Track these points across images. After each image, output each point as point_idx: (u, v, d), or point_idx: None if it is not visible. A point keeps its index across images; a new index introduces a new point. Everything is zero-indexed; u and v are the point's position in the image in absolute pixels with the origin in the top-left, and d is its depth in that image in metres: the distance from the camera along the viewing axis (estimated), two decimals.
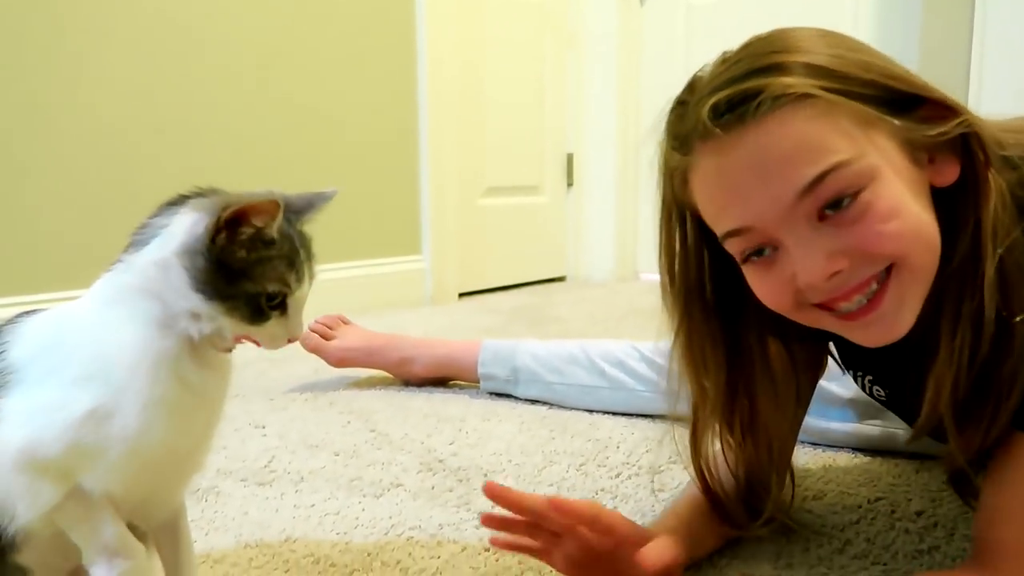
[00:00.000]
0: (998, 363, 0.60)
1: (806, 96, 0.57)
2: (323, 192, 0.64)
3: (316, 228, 1.99)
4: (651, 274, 2.97)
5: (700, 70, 0.64)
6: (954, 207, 0.61)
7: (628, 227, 2.84)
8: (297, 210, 0.62)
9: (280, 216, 0.57)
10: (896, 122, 0.59)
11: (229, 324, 0.57)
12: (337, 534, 0.85)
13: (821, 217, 0.58)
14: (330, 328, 1.46)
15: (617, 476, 1.00)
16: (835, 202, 0.57)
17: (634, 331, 1.78)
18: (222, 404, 0.62)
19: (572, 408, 1.28)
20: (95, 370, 0.54)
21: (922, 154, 0.61)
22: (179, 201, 0.59)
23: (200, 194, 0.59)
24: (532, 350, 1.33)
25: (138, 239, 0.58)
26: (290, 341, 0.60)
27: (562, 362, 1.29)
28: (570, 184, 2.86)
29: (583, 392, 1.26)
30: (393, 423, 1.23)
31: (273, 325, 0.58)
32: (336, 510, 0.91)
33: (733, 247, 0.63)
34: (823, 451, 1.06)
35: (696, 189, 0.63)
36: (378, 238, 2.25)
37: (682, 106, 0.64)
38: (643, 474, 1.01)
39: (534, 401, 1.33)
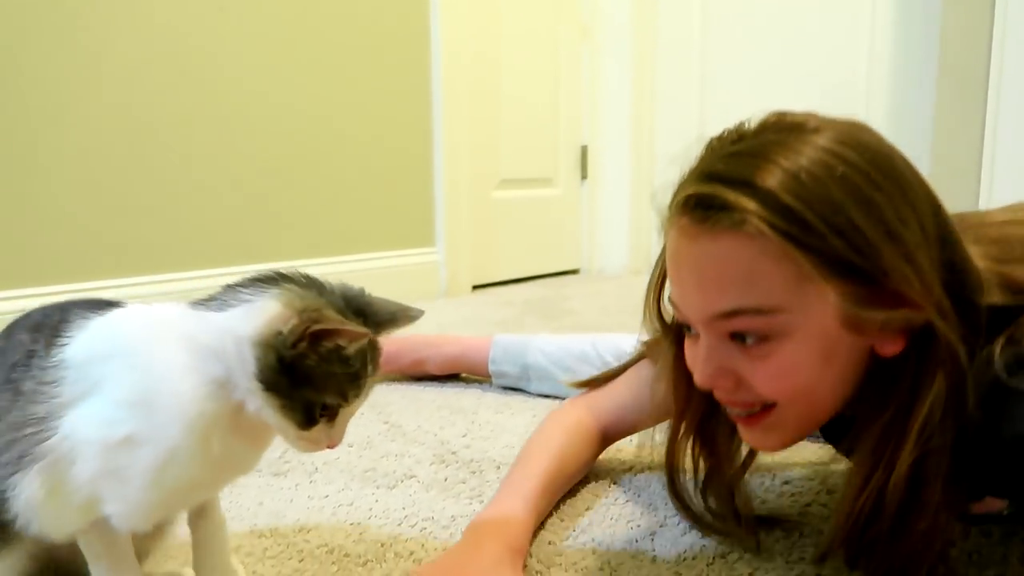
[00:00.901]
0: (910, 512, 0.60)
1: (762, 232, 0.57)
2: (410, 309, 0.63)
3: (331, 219, 2.02)
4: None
5: (709, 142, 0.65)
6: (899, 373, 0.61)
7: (642, 219, 2.84)
8: (379, 323, 0.60)
9: (365, 345, 0.57)
10: (843, 288, 0.58)
11: (277, 419, 0.56)
12: (351, 524, 0.86)
13: (732, 335, 0.61)
14: None
15: (629, 470, 1.00)
16: (742, 336, 0.60)
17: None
18: (257, 460, 0.63)
19: None
20: (142, 401, 0.54)
21: (869, 322, 0.60)
22: (272, 281, 0.58)
23: (294, 281, 0.58)
24: (543, 347, 1.33)
25: (223, 300, 0.58)
26: (331, 447, 0.60)
27: (573, 359, 1.29)
28: (584, 176, 2.86)
29: None
30: (406, 415, 1.24)
31: (317, 431, 0.57)
32: (350, 501, 0.92)
33: (675, 312, 0.67)
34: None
35: (666, 246, 0.66)
36: (392, 230, 2.26)
37: (685, 175, 0.65)
38: (655, 468, 1.01)
39: (546, 395, 1.33)
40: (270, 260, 1.97)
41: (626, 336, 1.26)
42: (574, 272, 2.87)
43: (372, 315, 0.60)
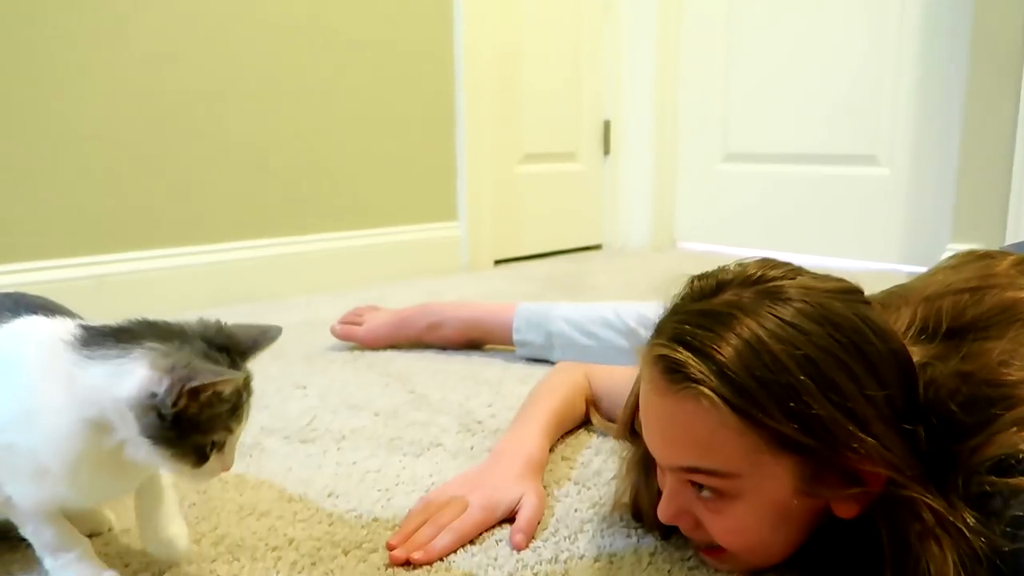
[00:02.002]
0: None
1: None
2: (268, 329, 0.66)
3: (353, 192, 2.02)
4: (689, 243, 2.94)
5: (690, 282, 0.67)
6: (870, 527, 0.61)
7: (665, 195, 2.81)
8: (243, 351, 0.63)
9: (239, 386, 0.60)
10: (796, 465, 0.59)
11: (169, 466, 0.59)
12: (379, 490, 0.87)
13: (692, 483, 0.64)
14: (359, 316, 1.48)
15: None
16: (700, 487, 0.63)
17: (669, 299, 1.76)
18: (133, 485, 0.66)
19: None
20: (22, 423, 0.59)
21: (823, 488, 0.60)
22: (135, 336, 0.60)
23: (156, 334, 0.60)
24: (565, 315, 1.33)
25: (94, 350, 0.59)
26: (225, 471, 0.63)
27: (596, 326, 1.29)
28: (607, 151, 2.83)
29: (619, 355, 1.25)
30: (432, 385, 1.24)
31: (212, 464, 0.61)
32: (377, 468, 0.93)
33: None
34: None
35: (641, 386, 0.67)
36: (414, 204, 2.26)
37: (663, 320, 0.66)
38: None
39: None
40: (293, 233, 1.98)
41: (649, 304, 1.26)
42: (596, 248, 2.86)
43: (235, 346, 0.63)
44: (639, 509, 0.78)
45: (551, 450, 0.94)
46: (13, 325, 0.63)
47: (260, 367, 1.35)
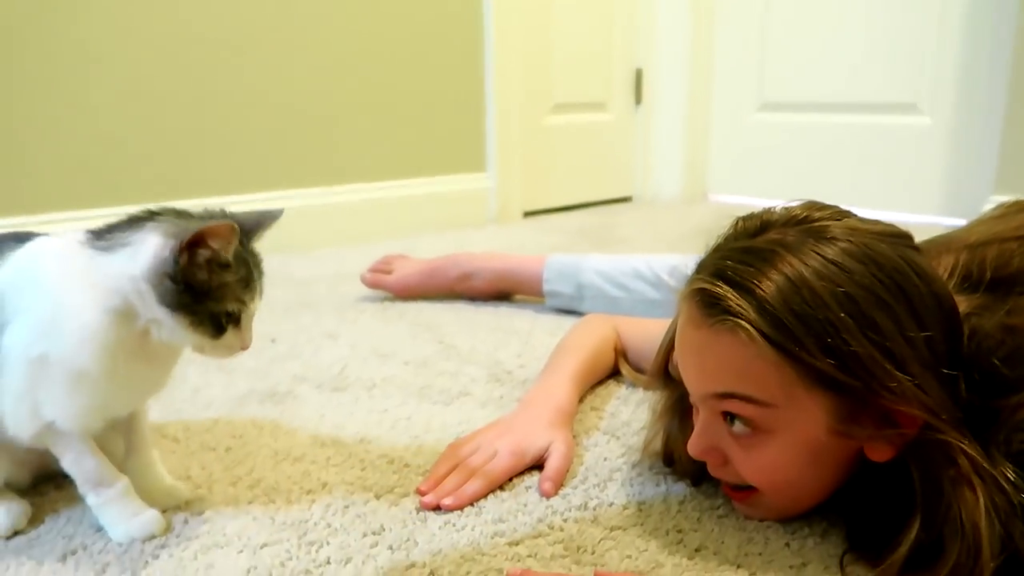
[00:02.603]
0: None
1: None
2: (270, 211, 0.68)
3: (381, 143, 2.01)
4: (721, 195, 2.89)
5: (735, 222, 0.66)
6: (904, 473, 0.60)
7: (698, 146, 2.76)
8: (247, 231, 0.66)
9: (235, 240, 0.61)
10: (832, 402, 0.59)
11: (190, 336, 0.62)
12: (410, 437, 0.88)
13: (725, 415, 0.63)
14: (388, 264, 1.48)
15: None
16: (732, 417, 0.63)
17: (701, 252, 1.75)
18: (165, 379, 0.70)
19: None
20: (51, 329, 0.61)
21: (858, 429, 0.59)
22: (145, 218, 0.64)
23: (162, 214, 0.64)
24: (596, 266, 1.32)
25: (109, 241, 0.63)
26: (244, 349, 0.66)
27: (627, 277, 1.28)
28: (638, 101, 2.78)
29: (650, 307, 1.25)
30: (461, 335, 1.25)
31: (229, 337, 0.64)
32: (408, 415, 0.94)
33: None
34: None
35: (678, 321, 0.67)
36: (443, 155, 2.24)
37: (705, 256, 0.66)
38: None
39: None
40: (322, 184, 1.98)
41: (681, 256, 1.25)
42: (626, 200, 2.82)
43: (240, 225, 0.64)
44: (671, 455, 0.78)
45: (581, 400, 0.95)
46: (26, 247, 0.65)
47: (292, 316, 1.37)
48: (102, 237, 0.63)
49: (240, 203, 1.82)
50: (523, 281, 1.40)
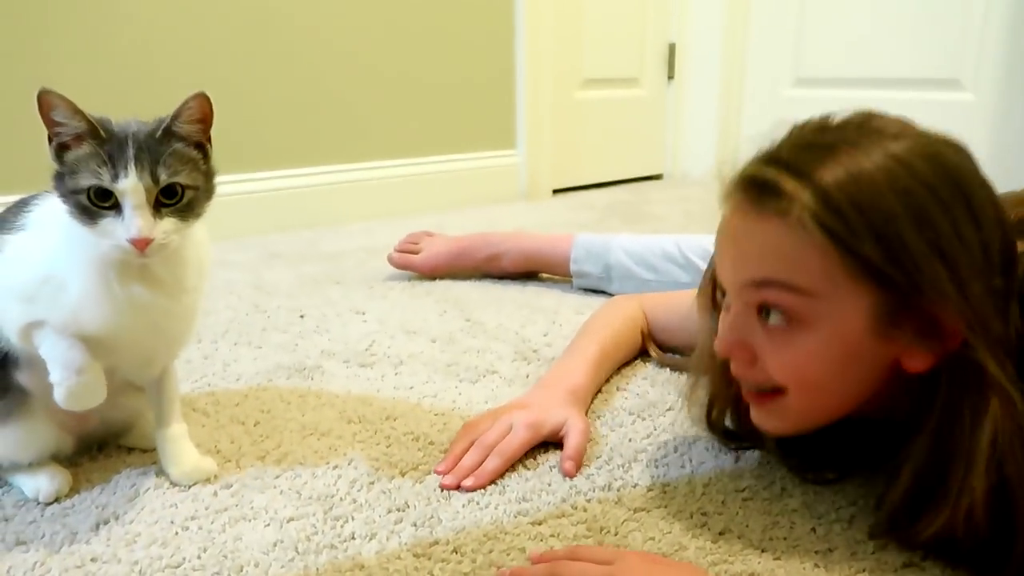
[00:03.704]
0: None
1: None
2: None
3: (411, 119, 2.01)
4: None
5: (792, 127, 0.63)
6: (932, 388, 0.58)
7: (731, 123, 2.71)
8: (163, 118, 0.64)
9: (72, 106, 0.60)
10: (876, 297, 0.57)
11: (83, 231, 0.61)
12: (435, 414, 0.88)
13: (760, 310, 0.61)
14: (415, 243, 1.46)
15: None
16: (768, 310, 0.61)
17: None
18: (170, 313, 0.68)
19: None
20: (53, 251, 0.64)
21: (899, 334, 0.58)
22: None
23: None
24: (625, 246, 1.30)
25: None
26: (132, 241, 0.60)
27: (656, 259, 1.26)
28: (671, 77, 2.73)
29: (678, 289, 1.23)
30: (488, 313, 1.25)
31: (107, 224, 0.60)
32: (434, 392, 0.94)
33: (717, 283, 0.68)
34: None
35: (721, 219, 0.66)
36: (472, 132, 2.23)
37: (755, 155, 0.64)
38: None
39: None
40: (351, 161, 1.99)
41: (710, 237, 1.22)
42: (657, 177, 2.79)
43: (163, 119, 0.63)
44: (712, 404, 0.77)
45: (606, 382, 0.94)
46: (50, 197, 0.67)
47: (321, 291, 1.38)
48: None
49: (271, 178, 1.84)
50: (551, 261, 1.39)
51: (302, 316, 1.23)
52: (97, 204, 0.60)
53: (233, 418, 0.87)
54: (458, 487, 0.73)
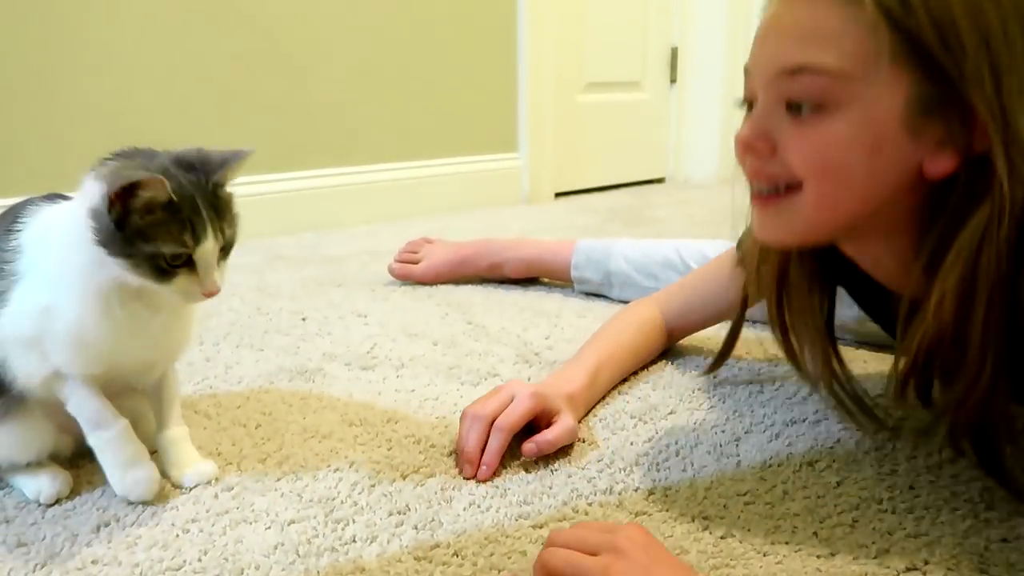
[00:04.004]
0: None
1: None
2: (239, 151, 0.67)
3: (413, 122, 2.00)
4: None
5: None
6: (942, 205, 0.59)
7: (734, 126, 2.69)
8: (212, 169, 0.65)
9: (167, 189, 0.60)
10: (917, 81, 0.56)
11: (139, 279, 0.62)
12: (436, 417, 0.88)
13: (788, 106, 0.60)
14: (415, 252, 1.46)
15: (714, 377, 0.99)
16: (798, 105, 0.59)
17: (734, 235, 1.72)
18: (170, 328, 0.70)
19: None
20: (52, 279, 0.64)
21: (928, 131, 0.57)
22: (102, 161, 0.65)
23: (123, 155, 0.65)
24: (626, 253, 1.30)
25: (80, 188, 0.64)
26: (207, 295, 0.65)
27: (657, 266, 1.26)
28: (673, 80, 2.74)
29: None
30: (490, 316, 1.25)
31: (182, 282, 0.63)
32: (435, 395, 0.94)
33: (745, 89, 0.66)
34: None
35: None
36: (474, 135, 2.23)
37: None
38: (740, 373, 0.99)
39: (628, 301, 1.31)
40: (353, 163, 1.99)
41: (711, 243, 1.23)
42: (659, 181, 2.79)
43: (204, 164, 0.65)
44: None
45: (609, 391, 0.94)
46: (52, 207, 0.68)
47: (323, 294, 1.37)
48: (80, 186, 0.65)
49: (275, 181, 1.84)
50: (553, 268, 1.39)
51: (304, 319, 1.23)
52: (172, 265, 0.63)
53: (235, 420, 0.87)
54: (475, 476, 0.74)
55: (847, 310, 1.05)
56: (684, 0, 2.67)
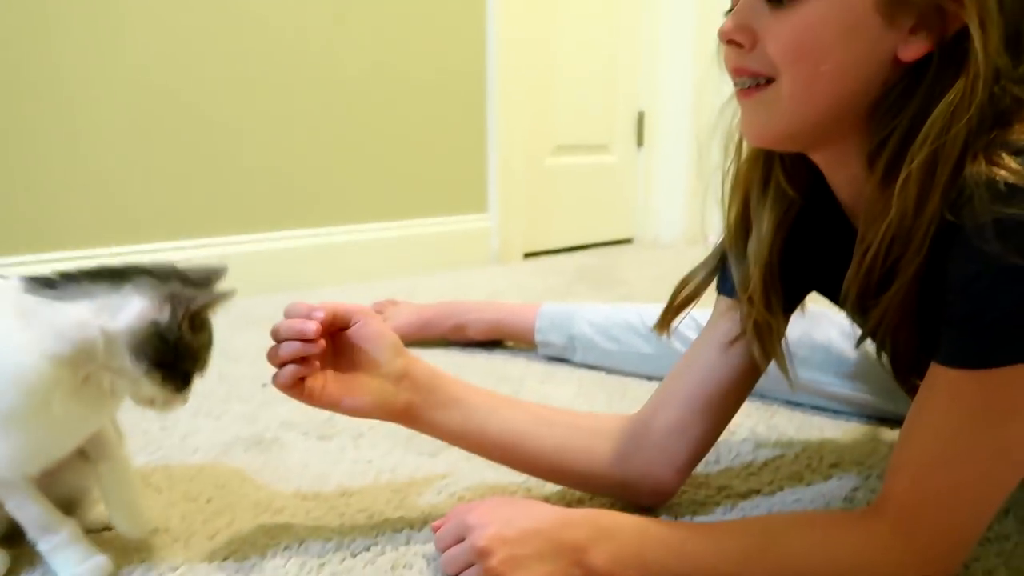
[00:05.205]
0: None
1: None
2: (216, 268, 0.69)
3: (383, 183, 2.02)
4: (719, 236, 2.88)
5: None
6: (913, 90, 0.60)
7: (700, 188, 2.77)
8: (198, 287, 0.67)
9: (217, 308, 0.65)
10: None
11: (154, 390, 0.63)
12: (392, 491, 0.87)
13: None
14: (379, 313, 1.46)
15: None
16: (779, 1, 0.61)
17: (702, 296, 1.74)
18: (104, 417, 0.70)
19: (630, 375, 1.27)
20: None
21: (902, 15, 0.59)
22: (122, 275, 0.63)
23: (130, 273, 0.64)
24: (589, 317, 1.32)
25: (66, 289, 0.62)
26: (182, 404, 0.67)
27: (620, 330, 1.28)
28: (640, 143, 2.80)
29: (641, 360, 1.25)
30: None
31: (185, 394, 0.66)
32: (392, 467, 0.94)
33: None
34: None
35: None
36: (444, 195, 2.26)
37: None
38: None
39: (593, 366, 1.32)
40: (324, 224, 2.00)
41: None
42: (627, 241, 2.83)
43: (193, 282, 0.66)
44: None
45: None
46: None
47: None
48: (53, 286, 0.63)
49: (243, 242, 1.84)
50: (516, 330, 1.40)
51: (264, 385, 1.22)
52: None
53: (186, 494, 0.86)
54: None
55: (831, 376, 1.07)
56: (650, 66, 2.75)
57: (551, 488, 0.87)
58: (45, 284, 0.63)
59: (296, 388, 0.72)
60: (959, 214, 0.56)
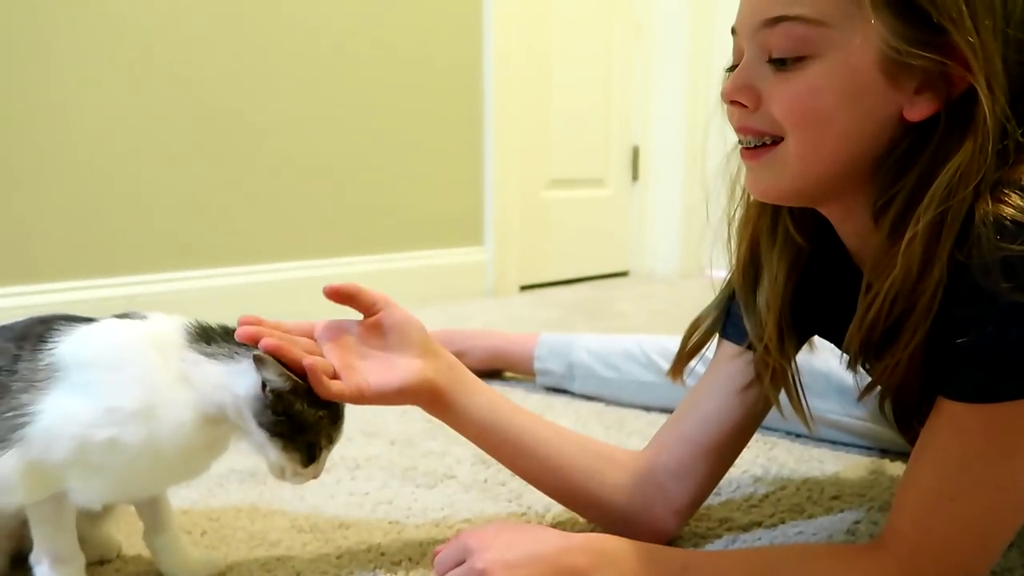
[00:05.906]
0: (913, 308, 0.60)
1: None
2: None
3: (379, 216, 2.02)
4: (717, 271, 2.90)
5: None
6: (922, 149, 0.60)
7: (694, 222, 2.79)
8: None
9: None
10: (893, 24, 0.57)
11: (281, 458, 0.66)
12: (389, 523, 0.86)
13: (771, 60, 0.61)
14: None
15: None
16: (782, 60, 0.60)
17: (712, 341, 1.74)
18: (205, 468, 0.72)
19: (629, 405, 1.27)
20: (142, 415, 0.62)
21: (906, 77, 0.58)
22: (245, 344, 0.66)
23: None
24: (588, 345, 1.32)
25: (213, 351, 0.66)
26: (313, 478, 0.70)
27: (619, 358, 1.27)
28: (635, 177, 2.82)
29: (640, 389, 1.24)
30: None
31: (312, 468, 0.68)
32: (389, 499, 0.92)
33: (733, 50, 0.67)
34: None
35: None
36: (440, 228, 2.27)
37: None
38: None
39: (591, 397, 1.31)
40: (320, 256, 2.00)
41: (673, 338, 1.24)
42: (623, 275, 2.84)
43: None
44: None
45: None
46: (100, 325, 0.66)
47: None
48: (210, 341, 0.66)
49: (236, 275, 1.84)
50: (515, 359, 1.40)
51: None
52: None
53: (181, 527, 0.84)
54: None
55: (832, 403, 1.07)
56: (645, 102, 2.78)
57: (552, 520, 0.86)
58: (206, 339, 0.66)
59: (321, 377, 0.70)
60: (966, 252, 0.55)
